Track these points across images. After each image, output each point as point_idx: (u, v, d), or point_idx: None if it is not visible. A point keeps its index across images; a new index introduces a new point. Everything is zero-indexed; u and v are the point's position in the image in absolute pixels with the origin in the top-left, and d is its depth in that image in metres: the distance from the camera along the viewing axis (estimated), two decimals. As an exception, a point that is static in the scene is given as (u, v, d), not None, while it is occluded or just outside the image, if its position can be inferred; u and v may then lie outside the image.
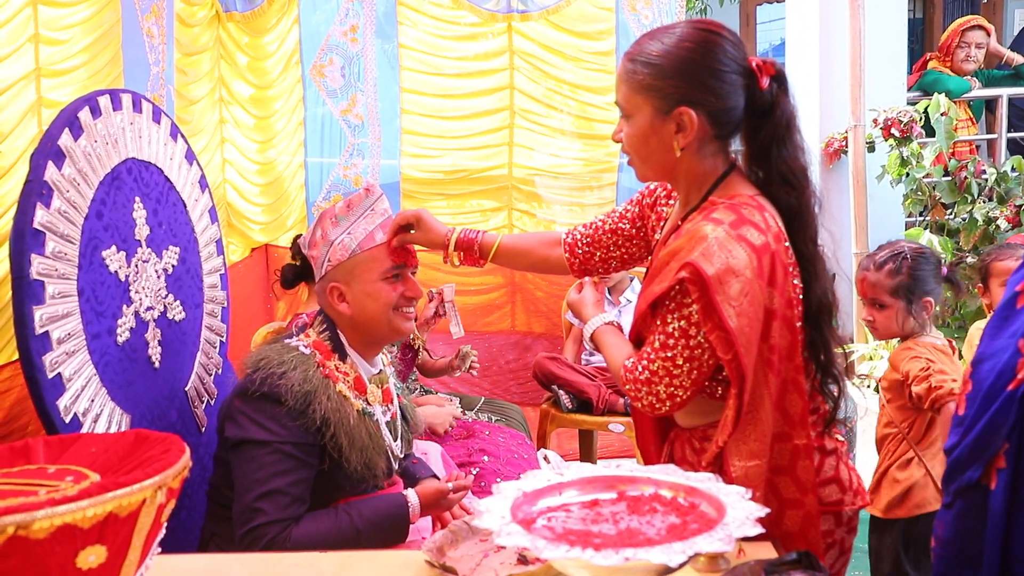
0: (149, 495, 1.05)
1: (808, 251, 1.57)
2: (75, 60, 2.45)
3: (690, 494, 1.11)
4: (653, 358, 1.50)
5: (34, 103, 2.23)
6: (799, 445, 1.52)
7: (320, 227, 1.89)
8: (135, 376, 1.97)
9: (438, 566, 1.33)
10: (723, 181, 1.57)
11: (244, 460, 1.75)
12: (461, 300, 4.52)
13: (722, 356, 1.43)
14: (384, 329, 1.91)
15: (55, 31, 2.36)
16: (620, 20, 4.54)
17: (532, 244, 1.94)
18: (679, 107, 1.49)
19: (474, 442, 2.93)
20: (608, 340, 1.68)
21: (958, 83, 4.90)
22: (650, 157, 1.58)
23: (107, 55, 2.63)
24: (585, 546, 0.93)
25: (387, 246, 1.88)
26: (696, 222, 1.51)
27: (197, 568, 1.42)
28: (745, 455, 1.48)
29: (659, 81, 1.49)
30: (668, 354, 1.48)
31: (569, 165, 4.66)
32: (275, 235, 4.63)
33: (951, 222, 4.22)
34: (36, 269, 1.63)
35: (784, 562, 1.17)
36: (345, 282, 1.88)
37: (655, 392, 1.50)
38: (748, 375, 1.44)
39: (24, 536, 0.95)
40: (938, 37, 7.05)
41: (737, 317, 1.41)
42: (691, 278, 1.42)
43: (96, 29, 2.56)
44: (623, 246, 1.86)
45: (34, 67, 2.25)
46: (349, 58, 4.56)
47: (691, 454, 1.61)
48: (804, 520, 1.52)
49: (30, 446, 1.29)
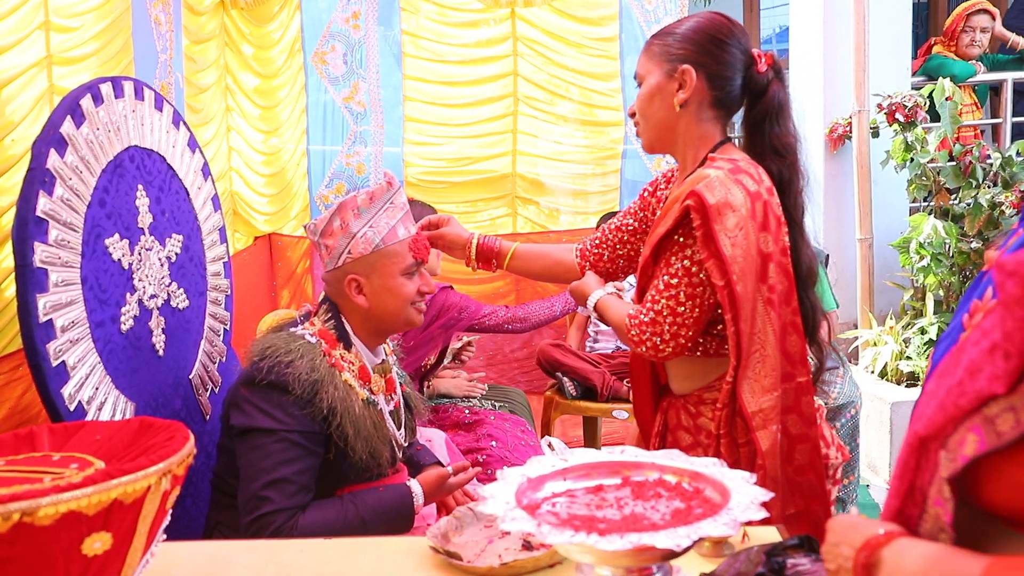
0: (154, 482, 1.05)
1: (797, 217, 1.72)
2: (86, 48, 2.44)
3: (694, 479, 1.11)
4: (657, 299, 1.62)
5: (46, 90, 2.23)
6: (801, 383, 1.66)
7: (340, 217, 1.87)
8: (139, 364, 1.97)
9: (443, 552, 1.33)
10: (719, 147, 1.71)
11: (250, 448, 1.75)
12: (465, 289, 4.54)
13: (716, 283, 1.56)
14: (399, 322, 1.95)
15: (66, 18, 2.36)
16: (623, 6, 4.53)
17: (545, 250, 2.08)
18: (682, 65, 1.67)
19: (481, 428, 2.94)
20: (611, 303, 1.78)
21: (963, 67, 4.87)
22: (654, 115, 1.73)
23: (118, 43, 2.63)
24: (590, 531, 0.93)
25: (411, 242, 1.92)
26: (696, 173, 1.65)
27: (202, 555, 1.42)
28: (758, 391, 1.60)
29: (669, 47, 1.69)
30: (671, 292, 1.61)
31: (573, 152, 4.65)
32: (279, 224, 4.63)
33: (956, 207, 4.19)
34: (39, 257, 1.62)
35: (787, 546, 1.17)
36: (365, 275, 1.89)
37: (660, 332, 1.61)
38: (741, 304, 1.57)
39: (29, 523, 0.95)
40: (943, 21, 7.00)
41: (732, 247, 1.55)
42: (695, 205, 1.56)
43: (106, 16, 2.56)
44: (628, 242, 1.96)
45: (45, 55, 2.25)
46: (351, 45, 4.55)
47: (686, 419, 1.73)
48: (812, 451, 1.68)
49: (35, 433, 1.29)
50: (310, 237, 1.93)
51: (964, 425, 0.79)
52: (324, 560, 1.39)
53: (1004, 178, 4.09)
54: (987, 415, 0.77)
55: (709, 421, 1.69)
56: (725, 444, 1.64)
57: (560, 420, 3.75)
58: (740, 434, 1.64)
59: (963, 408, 0.79)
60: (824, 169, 4.74)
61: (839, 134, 4.63)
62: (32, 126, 2.14)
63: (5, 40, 2.12)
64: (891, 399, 3.88)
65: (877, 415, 3.96)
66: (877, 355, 4.17)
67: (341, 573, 1.34)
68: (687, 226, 1.60)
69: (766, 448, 1.60)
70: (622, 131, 4.62)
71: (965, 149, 4.17)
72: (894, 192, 4.57)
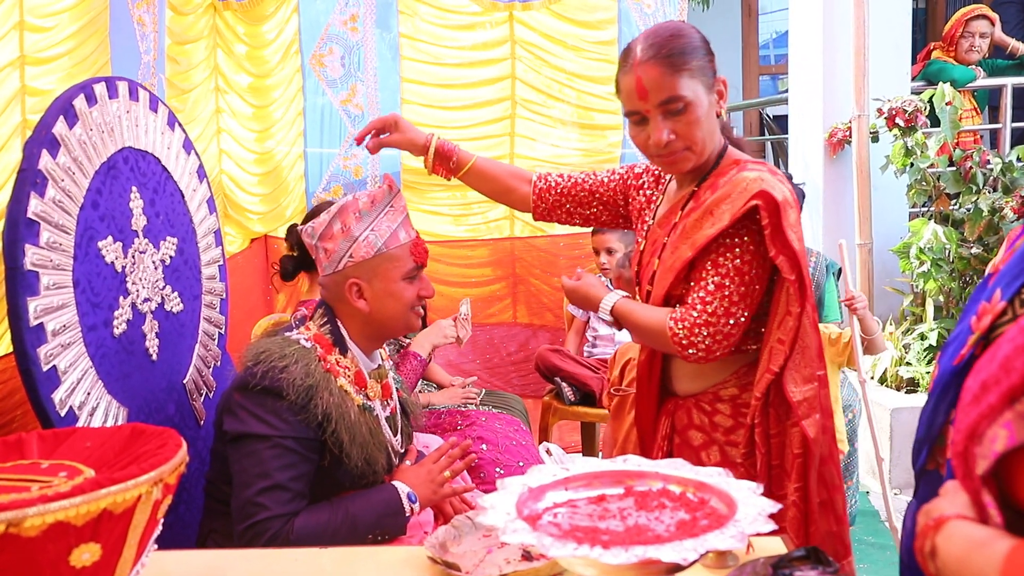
0: (144, 491, 1.02)
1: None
2: (60, 48, 2.41)
3: (700, 489, 1.08)
4: (709, 299, 1.61)
5: (18, 91, 2.20)
6: (820, 375, 1.67)
7: (340, 220, 1.84)
8: (132, 369, 1.94)
9: (441, 562, 1.30)
10: (727, 152, 1.73)
11: (244, 455, 1.72)
12: (462, 291, 4.50)
13: (787, 276, 1.58)
14: (399, 326, 1.93)
15: (40, 18, 2.33)
16: (622, 9, 4.51)
17: (502, 174, 2.05)
18: (717, 77, 1.67)
19: (471, 431, 2.91)
20: (636, 307, 1.74)
21: (963, 72, 4.86)
22: (709, 135, 1.67)
23: (93, 43, 2.59)
24: (593, 543, 0.90)
25: (412, 245, 1.89)
26: (730, 176, 1.65)
27: (195, 564, 1.39)
28: (800, 381, 1.63)
29: (702, 61, 1.64)
30: (724, 293, 1.60)
31: (570, 155, 4.63)
32: (274, 226, 4.60)
33: (956, 212, 4.18)
34: (30, 260, 1.60)
35: (793, 558, 1.15)
36: (367, 279, 1.86)
37: (713, 334, 1.60)
38: (808, 295, 1.60)
39: (15, 534, 0.92)
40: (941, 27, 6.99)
41: (797, 241, 1.58)
42: (766, 204, 1.56)
43: (82, 17, 2.52)
44: (595, 206, 1.98)
45: (18, 55, 2.22)
46: (349, 47, 4.52)
47: (699, 417, 1.74)
48: (831, 443, 1.69)
49: (23, 440, 1.26)
50: (306, 240, 1.88)
51: (997, 421, 0.78)
52: (319, 569, 1.36)
53: (1004, 183, 4.07)
54: (1019, 410, 0.76)
55: (727, 418, 1.71)
56: (759, 434, 1.66)
57: (558, 426, 3.72)
58: (773, 425, 1.66)
59: (994, 405, 0.78)
60: (823, 174, 4.72)
61: (838, 139, 4.62)
62: (3, 127, 2.11)
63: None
64: (891, 405, 3.85)
65: (876, 421, 3.94)
66: (877, 361, 4.15)
67: (337, 583, 1.32)
68: (743, 226, 1.61)
69: (814, 435, 1.62)
70: (620, 135, 4.60)
71: (965, 154, 4.15)
72: (894, 197, 4.55)
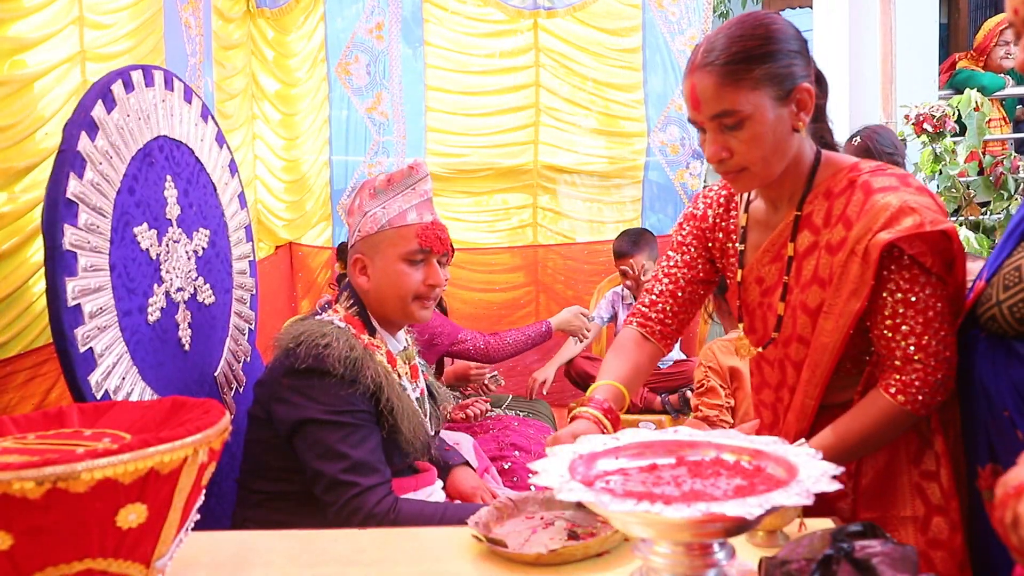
0: (190, 453, 1.00)
1: None
2: (119, 45, 2.45)
3: (755, 457, 1.05)
4: (930, 344, 1.39)
5: (79, 85, 2.22)
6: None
7: (359, 196, 1.87)
8: (165, 357, 1.93)
9: (487, 540, 1.27)
10: (822, 161, 1.51)
11: (311, 443, 1.69)
12: (487, 298, 4.49)
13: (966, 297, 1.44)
14: (397, 313, 1.86)
15: (100, 15, 2.36)
16: (647, 17, 4.51)
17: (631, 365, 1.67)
18: (797, 85, 1.41)
19: (504, 435, 2.88)
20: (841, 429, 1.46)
21: (992, 79, 4.82)
22: (774, 154, 1.44)
23: (151, 42, 2.64)
24: (654, 500, 0.88)
25: (420, 227, 1.82)
26: (851, 195, 1.44)
27: (233, 543, 1.37)
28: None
29: (776, 67, 1.39)
30: (941, 334, 1.40)
31: (594, 163, 4.62)
32: (299, 233, 4.61)
33: (986, 220, 4.13)
34: (69, 240, 1.59)
35: (849, 531, 1.11)
36: (369, 256, 1.84)
37: (946, 369, 1.40)
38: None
39: (64, 489, 0.90)
40: (963, 42, 6.96)
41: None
42: (930, 247, 1.37)
43: (140, 15, 2.57)
44: (701, 291, 1.72)
45: (79, 49, 2.24)
46: (374, 56, 4.55)
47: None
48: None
49: (64, 412, 1.25)
50: (342, 217, 1.93)
51: None
52: (359, 549, 1.34)
53: (1036, 189, 4.03)
54: None
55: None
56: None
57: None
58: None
59: None
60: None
61: (865, 146, 4.58)
62: (65, 120, 2.11)
63: (38, 34, 2.11)
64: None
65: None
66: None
67: (377, 561, 1.29)
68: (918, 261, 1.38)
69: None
70: (644, 142, 4.59)
71: (996, 160, 4.11)
72: (922, 205, 4.50)
